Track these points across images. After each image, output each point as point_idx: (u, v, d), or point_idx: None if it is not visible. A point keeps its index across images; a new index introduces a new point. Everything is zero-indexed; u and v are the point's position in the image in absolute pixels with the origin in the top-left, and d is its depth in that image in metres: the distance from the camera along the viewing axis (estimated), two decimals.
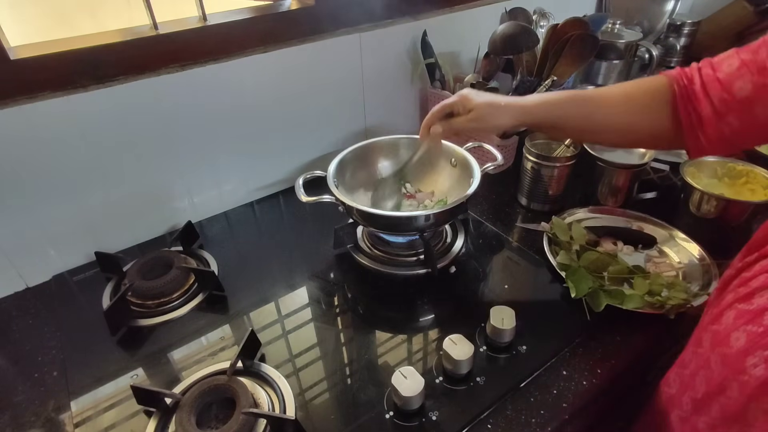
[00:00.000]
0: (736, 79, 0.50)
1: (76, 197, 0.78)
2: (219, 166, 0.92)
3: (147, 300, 0.75)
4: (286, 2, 0.90)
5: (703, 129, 0.53)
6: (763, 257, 0.46)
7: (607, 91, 0.63)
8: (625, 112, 0.60)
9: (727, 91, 0.50)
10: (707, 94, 0.52)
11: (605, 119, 0.62)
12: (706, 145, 0.54)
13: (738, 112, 0.50)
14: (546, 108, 0.65)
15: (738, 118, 0.50)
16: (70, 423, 0.60)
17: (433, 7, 1.06)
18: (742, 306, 0.45)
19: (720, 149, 0.55)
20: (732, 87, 0.50)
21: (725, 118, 0.51)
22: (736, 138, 0.52)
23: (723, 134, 0.52)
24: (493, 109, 0.66)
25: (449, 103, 0.69)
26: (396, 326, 0.72)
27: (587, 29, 0.96)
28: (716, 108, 0.51)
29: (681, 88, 0.54)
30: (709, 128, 0.52)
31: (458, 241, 0.84)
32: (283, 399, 0.59)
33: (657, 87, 0.57)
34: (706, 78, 0.52)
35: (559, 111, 0.64)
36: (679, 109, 0.54)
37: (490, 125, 0.68)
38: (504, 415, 0.59)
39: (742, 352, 0.42)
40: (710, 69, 0.53)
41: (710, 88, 0.52)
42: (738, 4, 1.38)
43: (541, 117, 0.66)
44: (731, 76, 0.50)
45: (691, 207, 0.84)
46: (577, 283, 0.71)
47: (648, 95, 0.58)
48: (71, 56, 0.71)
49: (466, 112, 0.68)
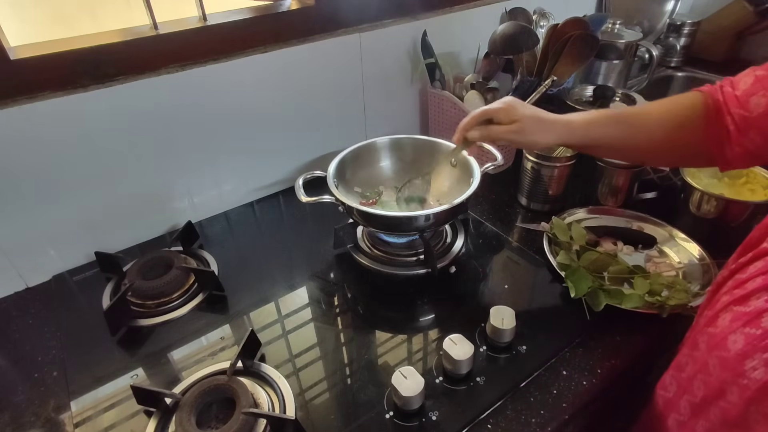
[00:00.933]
0: (751, 96, 0.51)
1: (76, 197, 0.78)
2: (219, 166, 0.92)
3: (147, 300, 0.75)
4: (286, 2, 0.90)
5: (730, 144, 0.54)
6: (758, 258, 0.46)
7: (647, 109, 0.63)
8: (665, 130, 0.60)
9: (744, 108, 0.52)
10: (729, 111, 0.53)
11: (647, 137, 0.62)
12: (731, 159, 0.55)
13: (758, 128, 0.51)
14: (587, 128, 0.64)
15: (759, 134, 0.51)
16: (70, 423, 0.60)
17: (433, 7, 1.06)
18: (738, 308, 0.45)
19: (747, 163, 0.56)
20: (748, 104, 0.51)
21: (747, 134, 0.52)
22: (759, 152, 0.53)
23: (748, 150, 0.53)
24: (539, 125, 0.64)
25: (492, 109, 0.66)
26: (396, 326, 0.72)
27: (587, 29, 0.96)
28: (738, 125, 0.52)
29: (714, 102, 0.55)
30: (735, 144, 0.54)
31: (458, 241, 0.84)
32: (283, 399, 0.59)
33: (693, 103, 0.58)
34: (727, 95, 0.54)
35: (600, 130, 0.64)
36: (711, 123, 0.56)
37: (531, 141, 0.65)
38: (504, 415, 0.59)
39: (740, 355, 0.42)
40: (730, 87, 0.54)
41: (731, 105, 0.53)
42: (738, 4, 1.38)
43: (583, 137, 0.65)
44: (747, 93, 0.52)
45: (691, 207, 0.84)
46: (577, 283, 0.71)
47: (687, 111, 0.59)
48: (71, 56, 0.71)
49: (508, 122, 0.65)
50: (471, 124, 0.68)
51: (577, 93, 1.14)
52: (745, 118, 0.52)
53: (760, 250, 0.46)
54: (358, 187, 0.88)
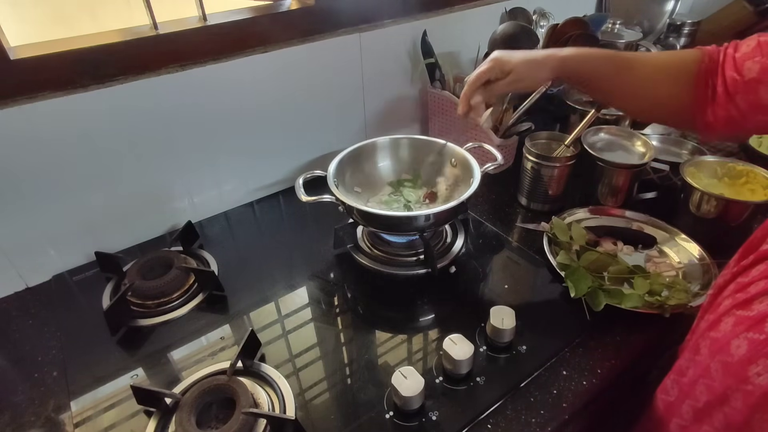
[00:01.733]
0: (748, 60, 0.51)
1: (76, 197, 0.78)
2: (219, 166, 0.92)
3: (147, 300, 0.75)
4: (286, 2, 0.90)
5: (714, 106, 0.54)
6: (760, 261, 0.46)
7: (643, 57, 0.64)
8: (655, 80, 0.61)
9: (737, 71, 0.52)
10: (723, 72, 0.53)
11: (635, 84, 0.62)
12: (713, 122, 0.55)
13: (744, 93, 0.51)
14: (580, 60, 0.65)
15: (744, 99, 0.51)
16: (70, 423, 0.60)
17: (433, 7, 1.06)
18: (741, 312, 0.44)
19: (726, 130, 0.55)
20: (743, 67, 0.51)
21: (734, 98, 0.52)
22: (742, 120, 0.53)
23: (731, 115, 0.53)
24: (532, 66, 0.65)
25: (484, 70, 0.67)
26: (396, 326, 0.72)
27: (587, 29, 0.96)
28: (728, 87, 0.53)
29: (710, 62, 0.55)
30: (719, 107, 0.53)
31: (458, 241, 0.84)
32: (283, 399, 0.59)
33: (689, 59, 0.58)
34: (727, 57, 0.54)
35: (592, 66, 0.64)
36: (700, 82, 0.55)
37: (530, 83, 0.68)
38: (504, 415, 0.59)
39: (744, 360, 0.41)
40: (732, 48, 0.54)
41: (726, 67, 0.53)
42: (738, 4, 1.38)
43: (575, 69, 0.65)
44: (745, 56, 0.52)
45: (691, 207, 0.84)
46: (577, 283, 0.71)
47: (680, 66, 0.59)
48: (71, 56, 0.71)
49: (504, 76, 0.66)
50: (471, 91, 0.69)
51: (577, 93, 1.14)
52: (735, 81, 0.52)
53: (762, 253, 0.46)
54: (358, 187, 0.88)
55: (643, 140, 0.93)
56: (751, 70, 0.50)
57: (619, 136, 0.96)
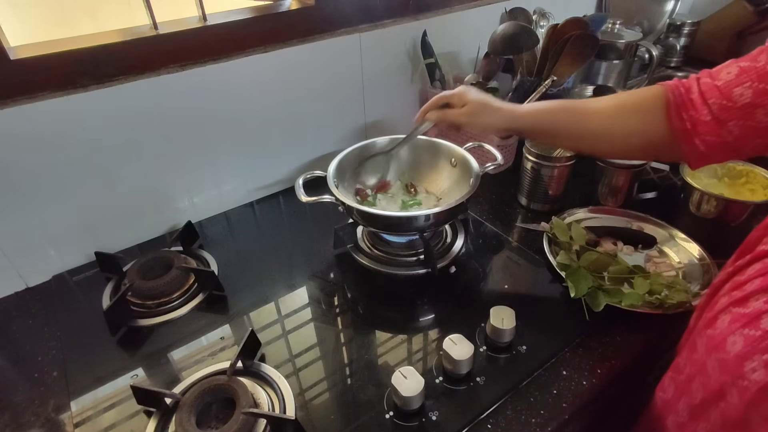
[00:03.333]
0: (736, 87, 0.51)
1: (76, 197, 0.78)
2: (219, 166, 0.92)
3: (147, 300, 0.75)
4: (286, 2, 0.90)
5: (700, 135, 0.53)
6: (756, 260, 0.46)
7: (599, 101, 0.64)
8: (618, 119, 0.61)
9: (726, 98, 0.51)
10: (705, 102, 0.53)
11: (599, 127, 0.63)
12: (705, 151, 0.54)
13: (739, 119, 0.51)
14: (536, 115, 0.68)
15: (739, 125, 0.51)
16: (70, 423, 0.60)
17: (433, 7, 1.06)
18: (737, 310, 0.44)
19: (722, 156, 0.55)
20: (732, 94, 0.51)
21: (726, 125, 0.52)
22: (739, 144, 0.53)
23: (725, 141, 0.53)
24: (484, 108, 0.71)
25: (447, 95, 0.74)
26: (396, 326, 0.72)
27: (587, 29, 0.96)
28: (716, 115, 0.52)
29: (676, 97, 0.55)
30: (708, 135, 0.53)
31: (458, 241, 0.84)
32: (283, 399, 0.59)
33: (652, 94, 0.58)
34: (705, 87, 0.53)
35: (550, 118, 0.67)
36: (673, 116, 0.55)
37: (479, 123, 0.72)
38: (504, 415, 0.59)
39: (739, 356, 0.42)
40: (708, 78, 0.54)
41: (708, 96, 0.52)
42: (738, 4, 1.38)
43: (531, 124, 0.69)
44: (730, 83, 0.51)
45: (691, 207, 0.84)
46: (577, 283, 0.71)
47: (642, 102, 0.59)
48: (71, 56, 0.71)
49: (460, 106, 0.72)
50: (430, 107, 0.76)
51: (577, 93, 1.14)
52: (726, 108, 0.51)
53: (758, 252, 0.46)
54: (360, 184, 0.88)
55: None
56: (743, 96, 0.50)
57: None
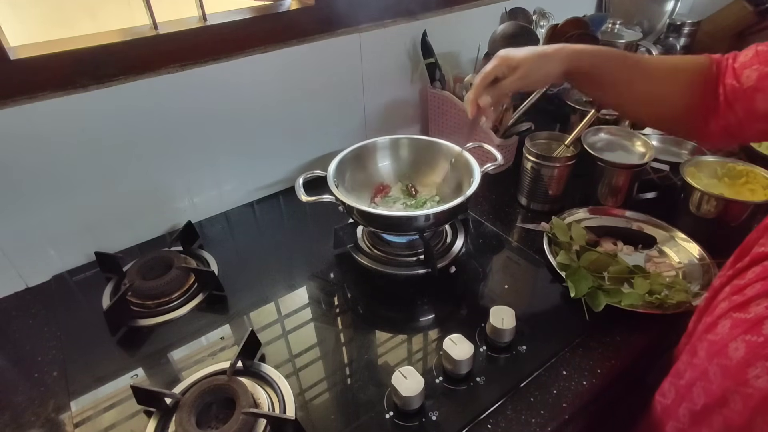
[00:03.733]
0: (746, 68, 0.52)
1: (77, 197, 0.78)
2: (219, 166, 0.92)
3: (147, 300, 0.75)
4: (286, 2, 0.90)
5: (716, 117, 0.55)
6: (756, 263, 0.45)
7: (655, 59, 0.64)
8: (667, 80, 0.60)
9: (737, 79, 0.52)
10: (723, 81, 0.54)
11: (646, 86, 0.62)
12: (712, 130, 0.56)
13: (743, 101, 0.52)
14: (593, 53, 0.63)
15: (742, 107, 0.52)
16: (70, 423, 0.60)
17: (433, 7, 1.06)
18: (738, 315, 0.44)
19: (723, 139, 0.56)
20: (741, 76, 0.52)
21: (733, 106, 0.53)
22: (737, 129, 0.54)
23: (728, 123, 0.54)
24: (542, 60, 0.63)
25: (490, 69, 0.65)
26: (396, 326, 0.72)
27: (587, 29, 0.96)
28: (727, 96, 0.53)
29: (717, 71, 0.56)
30: (719, 116, 0.54)
31: (458, 241, 0.84)
32: (283, 399, 0.59)
33: (700, 63, 0.59)
34: (726, 67, 0.55)
35: (605, 59, 0.63)
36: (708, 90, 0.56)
37: (540, 77, 0.64)
38: (504, 415, 0.59)
39: (742, 363, 0.41)
40: (732, 59, 0.55)
41: (726, 76, 0.54)
42: (738, 4, 1.38)
43: (587, 62, 0.63)
44: (744, 65, 0.53)
45: (691, 207, 0.84)
46: (577, 283, 0.71)
47: (691, 69, 0.59)
48: (71, 56, 0.71)
49: (511, 72, 0.64)
50: (479, 91, 0.66)
51: (577, 93, 1.14)
52: (735, 89, 0.53)
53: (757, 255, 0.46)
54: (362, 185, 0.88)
55: (643, 140, 0.93)
56: (750, 78, 0.51)
57: (619, 136, 0.96)
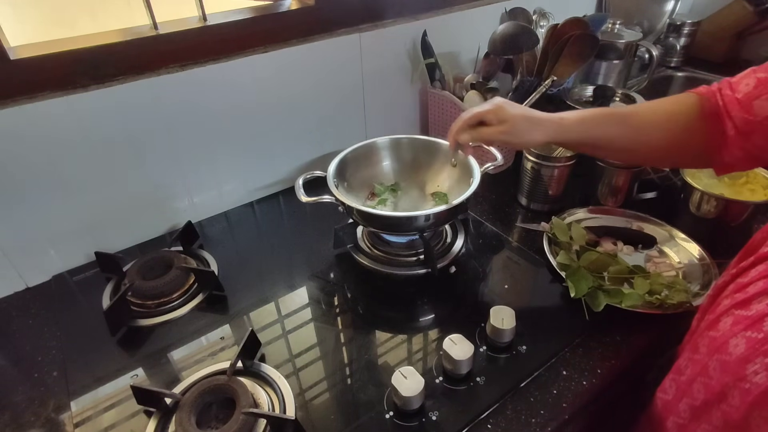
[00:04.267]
0: (755, 99, 0.50)
1: (76, 197, 0.78)
2: (219, 166, 0.92)
3: (147, 300, 0.75)
4: (286, 2, 0.90)
5: (728, 148, 0.53)
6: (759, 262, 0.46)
7: (646, 110, 0.62)
8: (665, 132, 0.60)
9: (747, 112, 0.51)
10: (729, 114, 0.52)
11: (647, 139, 0.61)
12: (732, 162, 0.55)
13: (763, 131, 0.51)
14: (587, 126, 0.63)
15: (764, 137, 0.51)
16: (70, 423, 0.60)
17: (433, 7, 1.06)
18: (739, 312, 0.44)
19: (748, 165, 0.56)
20: (752, 107, 0.50)
21: (750, 138, 0.51)
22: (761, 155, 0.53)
23: (750, 153, 0.53)
24: (528, 124, 0.64)
25: (480, 112, 0.65)
26: (396, 326, 0.72)
27: (587, 29, 0.96)
28: (739, 128, 0.52)
29: (711, 106, 0.55)
30: (734, 148, 0.53)
31: (458, 241, 0.84)
32: (283, 399, 0.59)
33: (690, 105, 0.58)
34: (727, 99, 0.53)
35: (600, 130, 0.63)
36: (708, 127, 0.55)
37: (522, 140, 0.65)
38: (504, 415, 0.59)
39: (742, 359, 0.42)
40: (729, 89, 0.53)
41: (731, 109, 0.52)
42: (738, 4, 1.38)
43: (581, 136, 0.64)
44: (749, 96, 0.51)
45: (691, 207, 0.84)
46: (577, 283, 0.71)
47: (685, 115, 0.58)
48: (71, 56, 0.71)
49: (498, 123, 0.64)
50: (462, 127, 0.67)
51: (577, 93, 1.14)
52: (748, 121, 0.51)
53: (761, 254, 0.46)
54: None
55: None
56: (764, 108, 0.50)
57: None
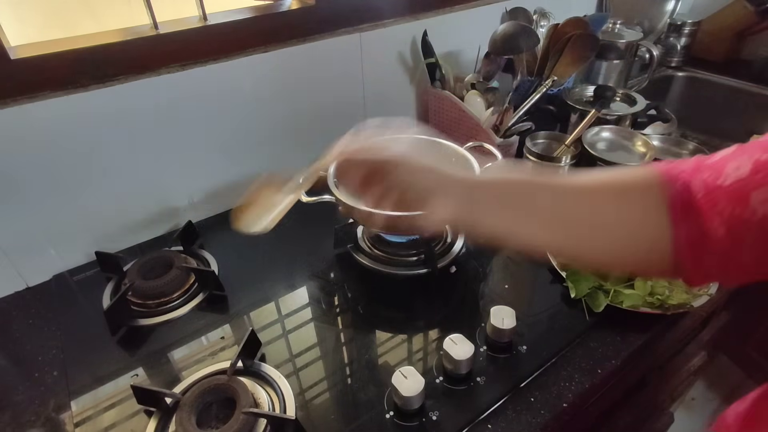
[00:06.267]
0: (754, 189, 0.35)
1: (77, 197, 0.78)
2: (219, 166, 0.91)
3: (147, 300, 0.75)
4: (286, 2, 0.90)
5: (711, 252, 0.38)
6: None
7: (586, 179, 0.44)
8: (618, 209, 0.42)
9: (742, 206, 0.35)
10: (718, 209, 0.37)
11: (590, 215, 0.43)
12: (716, 273, 0.39)
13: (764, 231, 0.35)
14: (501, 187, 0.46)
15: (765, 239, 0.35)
16: (70, 423, 0.60)
17: (433, 7, 1.06)
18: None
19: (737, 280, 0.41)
20: (749, 199, 0.35)
21: (745, 240, 0.36)
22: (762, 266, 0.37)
23: (742, 262, 0.37)
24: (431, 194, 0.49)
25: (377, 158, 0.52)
26: (396, 326, 0.72)
27: (587, 29, 0.96)
28: (731, 228, 0.36)
29: (684, 191, 0.39)
30: (720, 254, 0.37)
31: (458, 241, 0.84)
32: (283, 399, 0.59)
33: (650, 181, 0.42)
34: (708, 187, 0.38)
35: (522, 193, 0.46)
36: (679, 216, 0.39)
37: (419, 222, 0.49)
38: (504, 415, 0.59)
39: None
40: (709, 173, 0.38)
41: (718, 201, 0.37)
42: (738, 4, 1.38)
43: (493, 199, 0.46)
44: (746, 184, 0.36)
45: None
46: (577, 283, 0.71)
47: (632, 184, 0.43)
48: (71, 56, 0.71)
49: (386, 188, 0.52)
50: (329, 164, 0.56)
51: (577, 93, 1.14)
52: (743, 220, 0.35)
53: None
54: None
55: (643, 140, 0.93)
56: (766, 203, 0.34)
57: (620, 136, 0.96)
